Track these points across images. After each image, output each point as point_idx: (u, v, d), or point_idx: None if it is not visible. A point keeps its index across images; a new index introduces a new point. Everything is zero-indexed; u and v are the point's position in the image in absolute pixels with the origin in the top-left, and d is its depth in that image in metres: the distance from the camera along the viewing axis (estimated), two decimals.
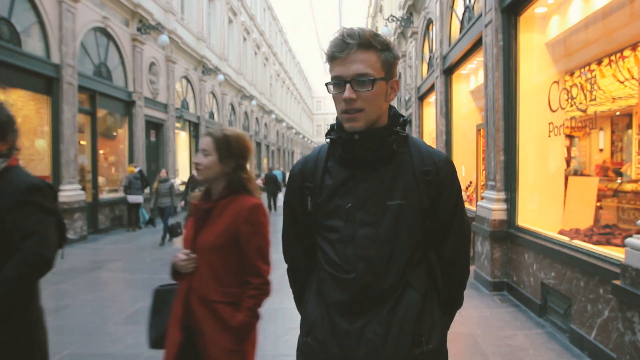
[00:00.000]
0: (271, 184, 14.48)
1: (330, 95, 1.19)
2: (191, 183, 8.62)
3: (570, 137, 5.26)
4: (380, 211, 1.18)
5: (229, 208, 1.74)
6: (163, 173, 8.94)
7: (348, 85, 1.13)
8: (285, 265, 1.45)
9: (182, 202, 10.03)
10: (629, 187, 4.11)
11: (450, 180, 1.24)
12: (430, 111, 10.52)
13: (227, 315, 1.68)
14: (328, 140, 1.26)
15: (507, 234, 4.80)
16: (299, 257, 1.38)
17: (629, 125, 4.77)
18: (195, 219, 1.80)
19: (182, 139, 15.70)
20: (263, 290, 1.73)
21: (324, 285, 1.23)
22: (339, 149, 1.22)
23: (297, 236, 1.36)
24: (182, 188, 13.68)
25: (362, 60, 1.13)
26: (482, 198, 5.41)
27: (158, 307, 1.83)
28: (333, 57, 1.15)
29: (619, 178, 4.51)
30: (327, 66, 1.20)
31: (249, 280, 1.71)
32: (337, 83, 1.15)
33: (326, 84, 1.19)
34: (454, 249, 1.27)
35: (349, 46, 1.12)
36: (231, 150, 1.78)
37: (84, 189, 9.07)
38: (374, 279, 1.16)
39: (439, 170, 1.22)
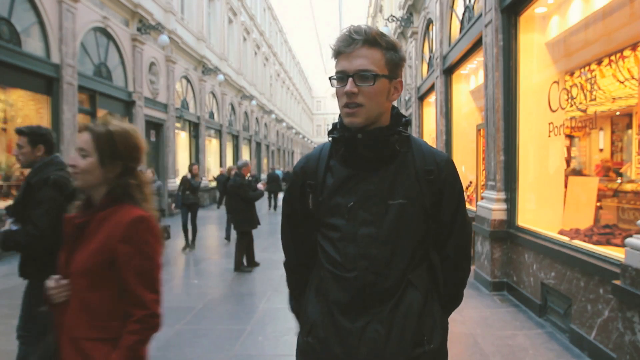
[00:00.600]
0: (272, 183, 14.89)
1: (331, 95, 1.20)
2: (183, 185, 8.05)
3: (570, 137, 5.26)
4: (381, 210, 1.18)
5: (106, 222, 1.39)
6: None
7: (350, 79, 1.14)
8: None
9: (173, 206, 9.15)
10: (629, 187, 4.11)
11: (452, 180, 1.25)
12: (430, 111, 10.52)
13: (100, 355, 1.34)
14: (330, 138, 1.26)
15: (507, 234, 4.80)
16: (297, 255, 1.38)
17: (629, 125, 4.77)
18: (68, 236, 1.45)
19: (182, 139, 15.70)
20: (148, 324, 1.37)
21: (325, 284, 1.23)
22: (341, 147, 1.22)
23: (296, 234, 1.36)
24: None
25: (366, 55, 1.15)
26: (482, 198, 5.41)
27: (42, 329, 1.50)
28: (339, 52, 1.17)
29: (619, 178, 4.51)
30: (327, 66, 1.21)
31: (130, 312, 1.37)
32: (341, 77, 1.17)
33: (330, 78, 1.21)
34: (455, 248, 1.28)
35: (354, 41, 1.14)
36: (117, 150, 1.42)
37: None
38: (375, 278, 1.16)
39: (441, 170, 1.23)
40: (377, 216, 1.18)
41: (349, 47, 1.15)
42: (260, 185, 6.61)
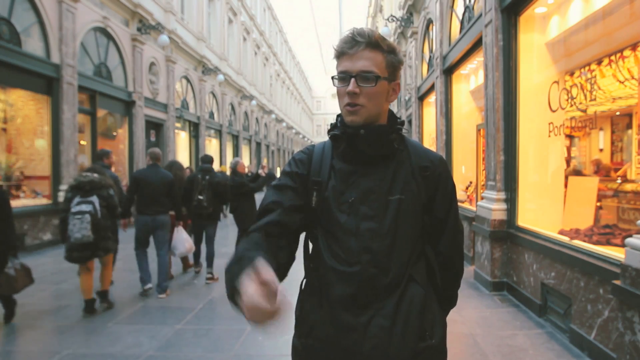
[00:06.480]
0: (270, 180, 15.20)
1: (331, 95, 1.21)
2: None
3: (570, 137, 5.26)
4: (382, 205, 1.21)
5: None
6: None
7: (353, 80, 1.18)
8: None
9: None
10: (629, 187, 4.11)
11: (445, 177, 1.30)
12: (430, 111, 10.52)
13: None
14: (329, 136, 1.29)
15: (507, 234, 4.80)
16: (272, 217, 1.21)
17: (629, 125, 4.77)
18: None
19: (182, 139, 15.70)
20: None
21: (326, 281, 1.23)
22: (342, 144, 1.25)
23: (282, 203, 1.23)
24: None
25: (368, 57, 1.18)
26: (482, 198, 5.41)
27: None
28: (342, 53, 1.21)
29: (619, 178, 4.51)
30: (328, 67, 1.22)
31: None
32: (343, 77, 1.20)
33: (332, 77, 1.23)
34: (449, 245, 1.33)
35: (358, 43, 1.18)
36: None
37: None
38: (377, 272, 1.18)
39: (436, 167, 1.28)
40: (377, 211, 1.21)
41: (352, 49, 1.18)
42: (260, 172, 6.67)
